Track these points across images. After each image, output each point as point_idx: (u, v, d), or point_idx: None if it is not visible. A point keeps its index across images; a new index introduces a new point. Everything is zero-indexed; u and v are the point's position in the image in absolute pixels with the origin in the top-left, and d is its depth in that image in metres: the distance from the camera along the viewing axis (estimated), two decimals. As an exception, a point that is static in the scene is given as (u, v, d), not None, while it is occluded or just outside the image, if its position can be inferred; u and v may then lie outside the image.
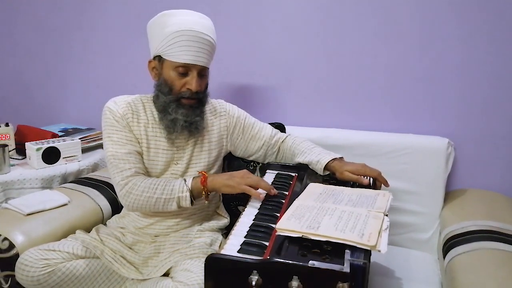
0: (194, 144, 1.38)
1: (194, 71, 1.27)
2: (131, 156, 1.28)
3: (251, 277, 0.83)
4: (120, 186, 1.26)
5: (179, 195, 1.23)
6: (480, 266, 1.13)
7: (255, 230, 1.01)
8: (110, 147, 1.29)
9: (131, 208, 1.28)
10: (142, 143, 1.33)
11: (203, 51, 1.26)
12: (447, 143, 1.52)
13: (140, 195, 1.23)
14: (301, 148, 1.43)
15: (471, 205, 1.48)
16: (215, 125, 1.44)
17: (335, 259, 0.84)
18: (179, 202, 1.24)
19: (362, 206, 1.05)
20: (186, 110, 1.29)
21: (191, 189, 1.23)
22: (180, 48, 1.23)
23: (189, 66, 1.26)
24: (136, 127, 1.32)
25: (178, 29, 1.22)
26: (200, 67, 1.27)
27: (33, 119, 2.23)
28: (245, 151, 1.50)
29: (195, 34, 1.23)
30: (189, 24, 1.23)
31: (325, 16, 1.70)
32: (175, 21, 1.24)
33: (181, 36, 1.22)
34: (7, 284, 1.26)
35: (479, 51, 1.54)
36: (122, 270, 1.26)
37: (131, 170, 1.26)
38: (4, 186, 1.63)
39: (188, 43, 1.23)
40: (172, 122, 1.29)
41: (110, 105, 1.32)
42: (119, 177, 1.26)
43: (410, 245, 1.57)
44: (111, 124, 1.31)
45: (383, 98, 1.68)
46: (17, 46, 2.32)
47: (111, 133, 1.30)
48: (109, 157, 1.28)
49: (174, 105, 1.29)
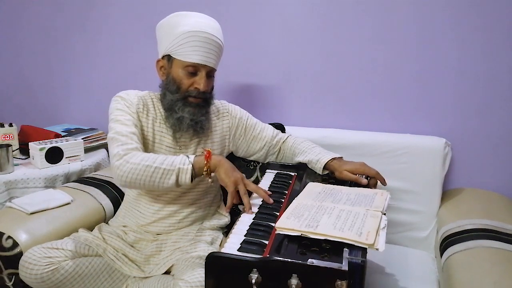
0: (197, 144, 1.39)
1: (203, 71, 1.29)
2: (135, 137, 1.25)
3: (251, 275, 0.84)
4: (118, 156, 1.18)
5: (180, 167, 1.17)
6: (476, 264, 1.14)
7: (255, 229, 1.02)
8: (116, 126, 1.25)
9: (124, 180, 1.18)
10: (148, 136, 1.34)
11: (213, 53, 1.29)
12: (444, 143, 1.53)
13: (138, 164, 1.16)
14: (301, 147, 1.44)
15: (467, 204, 1.49)
16: (217, 125, 1.45)
17: (334, 257, 0.84)
18: (178, 174, 1.17)
19: (361, 205, 1.06)
20: (193, 108, 1.31)
21: (193, 163, 1.19)
22: (192, 48, 1.26)
23: (199, 66, 1.28)
24: (145, 119, 1.34)
25: (190, 29, 1.25)
26: (209, 68, 1.30)
27: (36, 120, 2.24)
28: (246, 151, 1.52)
29: (206, 36, 1.26)
30: (201, 26, 1.26)
31: (324, 18, 1.71)
32: (188, 22, 1.26)
33: (193, 36, 1.25)
34: (11, 282, 1.27)
35: (475, 52, 1.55)
36: (124, 268, 1.27)
37: (133, 145, 1.21)
38: (8, 186, 1.64)
39: (199, 44, 1.26)
40: (178, 120, 1.31)
41: (122, 94, 1.34)
42: (120, 148, 1.19)
43: (408, 244, 1.57)
44: (121, 108, 1.30)
45: (381, 99, 1.69)
46: (20, 47, 2.33)
47: (119, 115, 1.28)
48: (113, 134, 1.23)
49: (181, 103, 1.30)
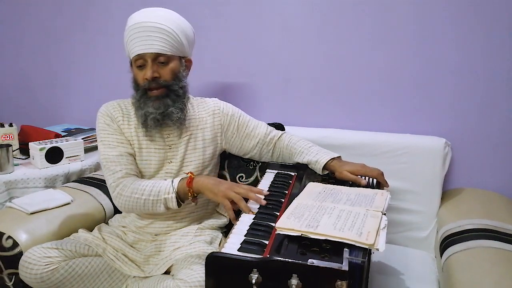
0: (187, 142, 1.38)
1: (148, 60, 1.27)
2: (122, 158, 1.31)
3: (251, 275, 0.84)
4: (112, 188, 1.29)
5: (165, 197, 1.22)
6: (476, 264, 1.14)
7: (255, 229, 1.02)
8: (103, 150, 1.33)
9: (124, 210, 1.31)
10: (134, 144, 1.34)
11: (154, 39, 1.26)
12: (444, 143, 1.53)
13: (129, 197, 1.25)
14: (298, 147, 1.42)
15: (467, 204, 1.49)
16: (208, 122, 1.44)
17: (334, 258, 0.84)
18: (166, 203, 1.23)
19: (361, 205, 1.06)
20: (154, 101, 1.29)
21: (177, 190, 1.23)
22: (132, 42, 1.27)
23: (143, 56, 1.27)
24: (127, 129, 1.35)
25: (128, 26, 1.29)
26: (153, 54, 1.27)
27: (36, 120, 2.24)
28: (240, 149, 1.50)
29: (141, 25, 1.26)
30: (137, 19, 1.28)
31: (323, 18, 1.71)
32: (129, 22, 1.29)
33: (131, 30, 1.27)
34: (11, 282, 1.27)
35: (475, 52, 1.54)
36: (124, 268, 1.27)
37: (122, 172, 1.28)
38: (8, 186, 1.64)
39: (137, 35, 1.26)
40: (144, 116, 1.30)
41: (101, 110, 1.37)
42: (111, 179, 1.29)
43: (408, 244, 1.57)
44: (103, 128, 1.34)
45: (381, 99, 1.69)
46: (21, 47, 2.33)
47: (103, 137, 1.34)
48: (102, 160, 1.32)
49: (143, 99, 1.30)
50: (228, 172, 1.63)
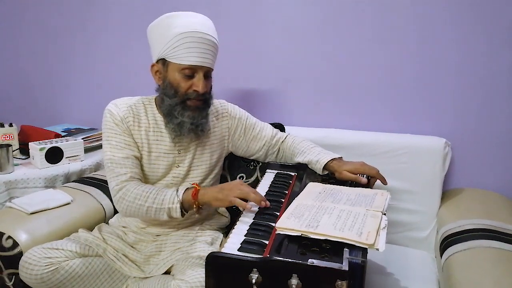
0: (196, 146, 1.38)
1: (201, 73, 1.25)
2: (128, 160, 1.28)
3: (251, 275, 0.84)
4: (114, 191, 1.26)
5: (169, 206, 1.20)
6: (476, 264, 1.14)
7: (255, 229, 1.02)
8: (108, 150, 1.29)
9: (125, 214, 1.30)
10: (143, 148, 1.32)
11: (209, 53, 1.25)
12: (444, 143, 1.53)
13: (132, 202, 1.23)
14: (301, 147, 1.43)
15: (467, 204, 1.49)
16: (217, 126, 1.44)
17: (334, 258, 0.84)
18: (169, 213, 1.22)
19: (361, 205, 1.06)
20: (192, 112, 1.27)
21: (182, 200, 1.20)
22: (187, 50, 1.21)
23: (195, 68, 1.24)
24: (137, 131, 1.32)
25: (183, 31, 1.21)
26: (206, 68, 1.26)
27: (36, 120, 2.24)
28: (246, 151, 1.51)
29: (201, 36, 1.22)
30: (195, 26, 1.22)
31: (324, 18, 1.71)
32: (180, 22, 1.22)
33: (186, 38, 1.21)
34: (11, 282, 1.27)
35: (475, 52, 1.55)
36: (124, 268, 1.27)
37: (126, 175, 1.26)
38: (8, 186, 1.64)
39: (194, 45, 1.21)
40: (178, 125, 1.28)
41: (111, 107, 1.31)
42: (114, 182, 1.26)
43: (408, 244, 1.58)
44: (111, 128, 1.30)
45: (381, 99, 1.69)
46: (21, 47, 2.33)
47: (110, 137, 1.30)
48: (107, 160, 1.28)
49: (180, 107, 1.27)
50: (228, 172, 1.63)
